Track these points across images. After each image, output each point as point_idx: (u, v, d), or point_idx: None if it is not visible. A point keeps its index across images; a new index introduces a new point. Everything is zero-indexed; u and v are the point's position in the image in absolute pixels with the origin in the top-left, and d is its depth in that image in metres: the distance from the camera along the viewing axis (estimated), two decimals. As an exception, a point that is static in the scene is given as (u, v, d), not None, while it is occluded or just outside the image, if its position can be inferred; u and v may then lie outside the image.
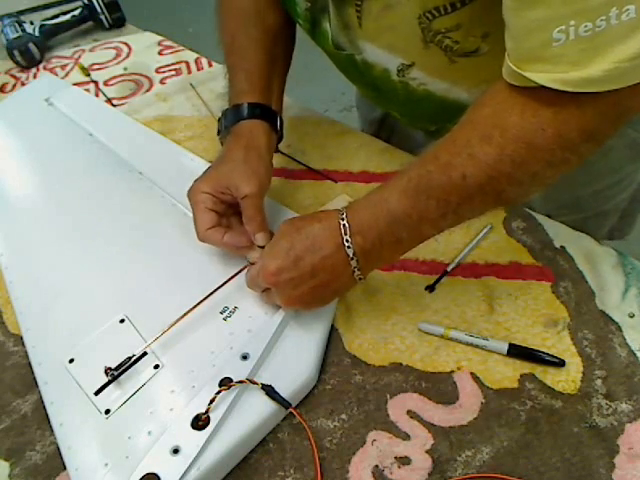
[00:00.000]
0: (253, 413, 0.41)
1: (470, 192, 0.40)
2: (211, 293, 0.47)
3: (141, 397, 0.43)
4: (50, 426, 0.44)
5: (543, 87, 0.35)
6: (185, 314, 0.46)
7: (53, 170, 0.69)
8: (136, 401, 0.43)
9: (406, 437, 0.41)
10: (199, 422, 0.40)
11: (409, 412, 0.43)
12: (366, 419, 0.43)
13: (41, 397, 0.46)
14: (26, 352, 0.49)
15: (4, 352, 0.50)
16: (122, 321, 0.49)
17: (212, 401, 0.40)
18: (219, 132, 0.56)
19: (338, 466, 0.40)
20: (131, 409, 0.43)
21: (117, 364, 0.44)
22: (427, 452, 0.41)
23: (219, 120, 0.56)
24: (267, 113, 0.54)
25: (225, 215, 0.51)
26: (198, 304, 0.46)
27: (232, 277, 0.48)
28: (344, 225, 0.42)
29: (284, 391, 0.42)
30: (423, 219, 0.41)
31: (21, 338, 0.51)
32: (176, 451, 0.39)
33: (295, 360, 0.45)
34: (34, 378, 0.47)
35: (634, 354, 0.45)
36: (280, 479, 0.40)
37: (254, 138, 0.53)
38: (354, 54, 0.55)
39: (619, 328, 0.47)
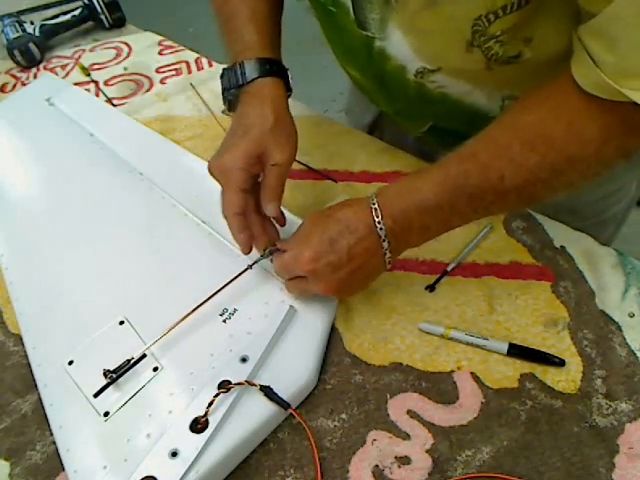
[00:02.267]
0: (252, 415, 0.41)
1: (505, 193, 0.41)
2: (211, 296, 0.47)
3: (140, 399, 0.43)
4: (50, 426, 0.44)
5: (616, 103, 0.36)
6: (185, 317, 0.46)
7: (54, 170, 0.69)
8: (135, 403, 0.43)
9: (406, 437, 0.42)
10: (198, 425, 0.40)
11: (409, 412, 0.43)
12: (366, 419, 0.43)
13: (41, 398, 0.46)
14: (26, 352, 0.49)
15: (4, 352, 0.50)
16: (122, 323, 0.49)
17: (211, 404, 0.40)
18: (226, 89, 0.51)
19: (338, 466, 0.40)
20: (130, 411, 0.43)
21: (116, 366, 0.44)
22: (427, 452, 0.41)
23: (223, 76, 0.51)
24: (281, 69, 0.51)
25: (250, 192, 0.48)
26: (198, 307, 0.46)
27: (232, 280, 0.48)
28: (375, 209, 0.42)
29: (284, 392, 0.42)
30: (454, 212, 0.43)
31: (21, 338, 0.51)
32: (174, 454, 0.39)
33: (295, 362, 0.45)
34: (34, 378, 0.47)
35: (634, 354, 0.45)
36: (280, 479, 0.40)
37: (278, 99, 0.49)
38: (375, 37, 0.51)
39: (619, 328, 0.47)
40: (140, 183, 0.64)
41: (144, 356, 0.45)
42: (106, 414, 0.42)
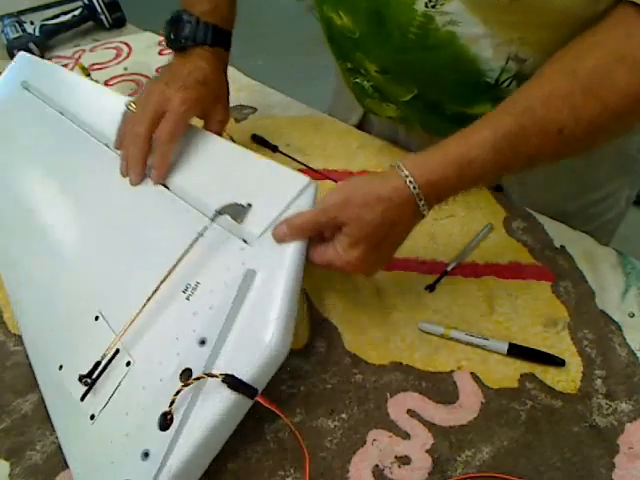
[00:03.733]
0: (217, 406, 0.37)
1: (563, 145, 0.39)
2: (165, 277, 0.42)
3: (118, 398, 0.41)
4: (50, 426, 0.44)
5: None
6: (145, 303, 0.42)
7: (27, 159, 0.66)
8: (115, 402, 0.41)
9: (406, 436, 0.42)
10: (165, 421, 0.37)
11: (409, 411, 0.43)
12: (366, 418, 0.43)
13: (41, 397, 0.46)
14: (27, 352, 0.49)
15: (5, 352, 0.50)
16: (97, 318, 0.46)
17: (174, 399, 0.37)
18: (184, 37, 0.57)
19: (338, 466, 0.40)
20: (111, 411, 0.41)
21: (89, 369, 0.41)
22: (427, 452, 0.41)
23: (181, 22, 0.57)
24: (230, 42, 0.59)
25: None
26: (155, 292, 0.42)
27: (185, 254, 0.43)
28: (417, 194, 0.40)
29: (249, 371, 0.37)
30: (507, 169, 0.41)
31: (22, 338, 0.51)
32: (146, 454, 0.37)
33: (259, 333, 0.38)
34: (35, 378, 0.47)
35: (634, 354, 0.45)
36: (280, 479, 0.40)
37: (226, 68, 0.59)
38: None
39: (619, 328, 0.47)
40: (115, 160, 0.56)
41: (117, 351, 0.42)
42: (92, 417, 0.41)
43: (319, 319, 0.50)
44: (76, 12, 1.00)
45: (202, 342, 0.40)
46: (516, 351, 0.45)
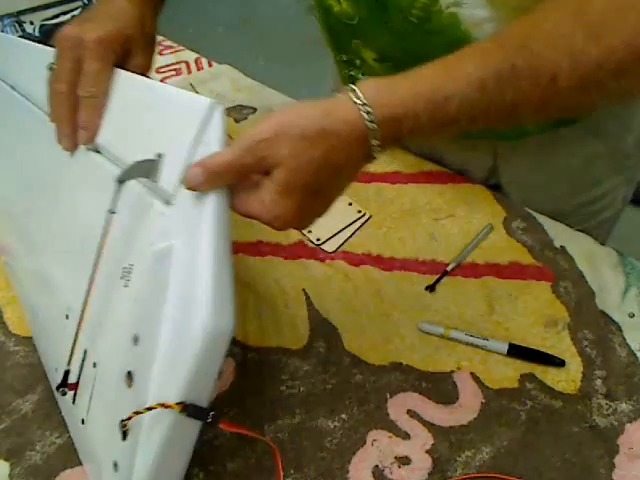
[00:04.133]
0: (166, 430, 0.31)
1: (554, 96, 0.35)
2: (94, 270, 0.37)
3: (95, 402, 0.38)
4: (50, 426, 0.44)
5: None
6: (85, 300, 0.37)
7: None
8: (94, 407, 0.39)
9: (406, 437, 0.42)
10: (124, 430, 0.33)
11: (409, 412, 0.43)
12: (366, 418, 0.43)
13: (41, 397, 0.46)
14: (27, 352, 0.49)
15: (4, 352, 0.50)
16: (67, 317, 0.42)
17: (126, 423, 0.33)
18: None
19: (338, 466, 0.40)
20: (93, 416, 0.39)
21: (61, 378, 0.38)
22: (427, 452, 0.41)
23: None
24: None
25: None
26: (90, 285, 0.37)
27: (103, 238, 0.36)
28: (373, 131, 0.33)
29: (187, 368, 0.31)
30: (485, 116, 0.35)
31: (23, 338, 0.51)
32: (116, 465, 0.34)
33: (190, 318, 0.31)
34: (37, 378, 0.47)
35: (634, 354, 0.45)
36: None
37: (155, 14, 0.50)
38: None
39: (619, 328, 0.47)
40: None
41: (86, 353, 0.39)
42: (82, 421, 0.40)
43: (319, 319, 0.50)
44: (76, 12, 1.00)
45: (135, 340, 0.34)
46: (516, 351, 0.45)
